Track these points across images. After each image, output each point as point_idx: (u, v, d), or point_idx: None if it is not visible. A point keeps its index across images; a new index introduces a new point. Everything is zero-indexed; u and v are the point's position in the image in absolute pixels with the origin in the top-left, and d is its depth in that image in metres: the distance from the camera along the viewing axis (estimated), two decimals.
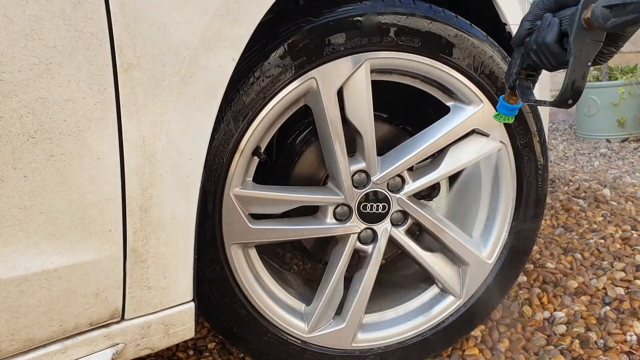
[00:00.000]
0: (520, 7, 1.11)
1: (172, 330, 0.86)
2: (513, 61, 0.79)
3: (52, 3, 0.65)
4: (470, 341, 1.28)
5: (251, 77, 0.90)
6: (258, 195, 0.98)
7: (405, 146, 1.07)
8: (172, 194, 0.79)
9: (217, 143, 0.89)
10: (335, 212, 1.06)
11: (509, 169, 1.13)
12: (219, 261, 0.96)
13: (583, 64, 0.66)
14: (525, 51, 0.75)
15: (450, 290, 1.17)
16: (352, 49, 0.94)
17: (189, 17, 0.74)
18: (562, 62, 0.69)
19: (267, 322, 1.04)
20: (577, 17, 0.64)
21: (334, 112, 0.95)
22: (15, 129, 0.65)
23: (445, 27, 0.99)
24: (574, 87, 0.68)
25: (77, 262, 0.73)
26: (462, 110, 1.07)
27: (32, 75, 0.65)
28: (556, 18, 0.69)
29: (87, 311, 0.77)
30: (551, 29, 0.69)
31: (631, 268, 1.57)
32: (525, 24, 0.75)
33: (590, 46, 0.66)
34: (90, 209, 0.73)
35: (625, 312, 1.35)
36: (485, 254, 1.17)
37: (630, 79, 3.74)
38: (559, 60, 0.70)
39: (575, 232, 1.89)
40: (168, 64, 0.74)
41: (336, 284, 1.07)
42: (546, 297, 1.45)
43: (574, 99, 0.69)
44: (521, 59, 0.77)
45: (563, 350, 1.21)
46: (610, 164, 3.11)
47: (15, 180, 0.67)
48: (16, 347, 0.73)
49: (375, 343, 1.14)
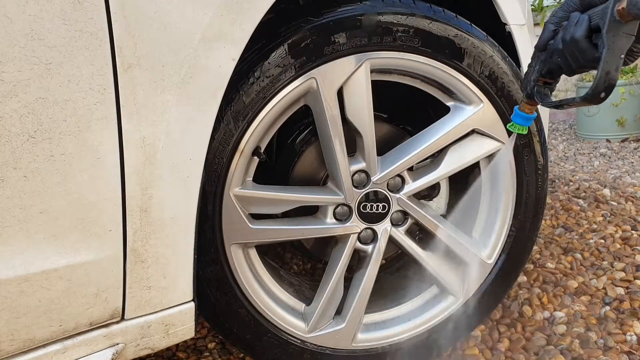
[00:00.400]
0: (520, 7, 1.11)
1: (172, 330, 0.86)
2: (531, 69, 0.77)
3: (52, 3, 0.65)
4: (470, 341, 1.28)
5: (251, 77, 0.90)
6: (258, 195, 0.98)
7: (405, 146, 1.07)
8: (172, 194, 0.79)
9: (217, 143, 0.89)
10: (335, 212, 1.06)
11: (508, 169, 1.13)
12: (219, 261, 0.96)
13: (616, 55, 0.64)
14: (547, 55, 0.73)
15: (450, 290, 1.17)
16: (352, 49, 0.94)
17: (189, 17, 0.74)
18: (590, 60, 0.67)
19: (267, 322, 1.04)
20: (610, 9, 0.63)
21: (334, 112, 0.95)
22: (15, 129, 0.65)
23: (445, 27, 0.99)
24: (607, 79, 0.65)
25: (77, 262, 0.73)
26: (462, 110, 1.07)
27: (32, 75, 0.65)
28: (585, 14, 0.67)
29: (87, 311, 0.77)
30: (580, 25, 0.67)
31: (631, 268, 1.57)
32: (549, 26, 0.73)
33: (623, 39, 0.64)
34: (90, 209, 0.73)
35: (625, 312, 1.35)
36: (485, 254, 1.17)
37: (630, 79, 3.75)
38: (587, 57, 0.67)
39: (575, 232, 1.89)
40: (168, 64, 0.74)
41: (336, 284, 1.07)
42: (546, 297, 1.45)
43: (607, 92, 0.66)
44: (541, 65, 0.75)
45: (563, 350, 1.21)
46: (610, 163, 3.11)
47: (15, 180, 0.67)
48: (16, 347, 0.73)
49: (375, 343, 1.14)
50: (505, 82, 1.06)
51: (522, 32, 1.12)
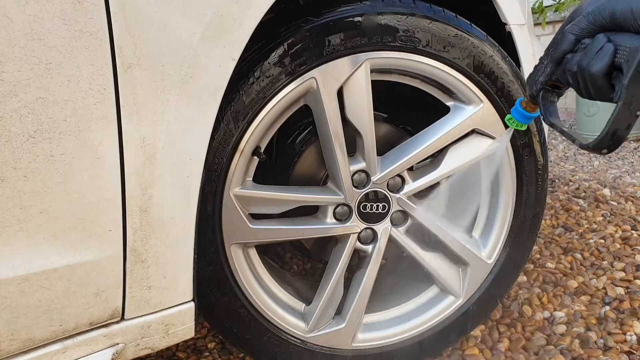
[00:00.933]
0: (520, 7, 1.11)
1: (172, 330, 0.86)
2: (541, 67, 0.68)
3: (52, 3, 0.65)
4: (470, 341, 1.28)
5: (251, 77, 0.90)
6: (258, 195, 0.98)
7: (405, 146, 1.07)
8: (172, 194, 0.79)
9: (217, 143, 0.89)
10: (335, 212, 1.06)
11: (508, 169, 1.13)
12: (219, 261, 0.96)
13: (632, 112, 0.56)
14: (562, 67, 0.65)
15: (450, 290, 1.17)
16: (352, 49, 0.94)
17: (189, 17, 0.74)
18: (603, 98, 0.59)
19: (267, 322, 1.04)
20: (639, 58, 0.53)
21: (334, 112, 0.95)
22: (15, 129, 0.65)
23: (445, 27, 0.99)
24: (614, 137, 0.57)
25: (77, 262, 0.73)
26: (462, 110, 1.07)
27: (32, 75, 0.65)
28: (611, 44, 0.57)
29: (87, 311, 0.77)
30: (602, 58, 0.57)
31: (631, 268, 1.57)
32: (570, 37, 0.63)
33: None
34: (90, 209, 0.73)
35: (625, 312, 1.35)
36: (485, 253, 1.17)
37: None
38: (601, 95, 0.59)
39: (575, 232, 1.89)
40: (168, 63, 0.74)
41: (336, 284, 1.07)
42: (546, 297, 1.45)
43: (610, 149, 0.59)
44: (552, 68, 0.66)
45: (563, 350, 1.21)
46: (610, 163, 3.11)
47: (15, 180, 0.67)
48: (16, 347, 0.73)
49: (375, 343, 1.14)
50: (505, 82, 1.06)
51: (522, 32, 1.11)
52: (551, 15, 4.62)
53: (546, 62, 0.68)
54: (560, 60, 0.65)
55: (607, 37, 0.58)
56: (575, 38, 0.62)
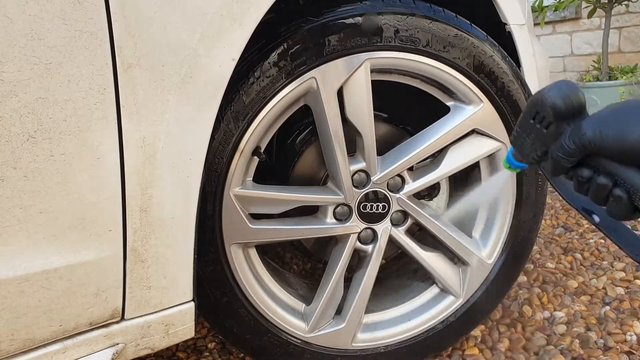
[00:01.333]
0: (520, 7, 1.11)
1: (172, 330, 0.86)
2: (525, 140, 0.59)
3: (52, 3, 0.65)
4: (470, 341, 1.28)
5: (251, 77, 0.90)
6: (258, 195, 0.98)
7: (405, 146, 1.07)
8: (172, 194, 0.79)
9: (217, 143, 0.89)
10: (335, 212, 1.06)
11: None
12: (219, 261, 0.96)
13: None
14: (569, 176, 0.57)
15: (450, 290, 1.17)
16: (352, 49, 0.94)
17: (189, 16, 0.74)
18: None
19: (267, 322, 1.04)
20: None
21: (334, 112, 0.95)
22: (15, 129, 0.65)
23: (445, 27, 0.99)
24: None
25: (77, 261, 0.73)
26: (462, 110, 1.07)
27: (32, 75, 0.65)
28: (620, 190, 0.51)
29: (87, 311, 0.77)
30: (619, 205, 0.51)
31: (631, 268, 1.57)
32: (563, 162, 0.54)
33: None
34: (90, 209, 0.73)
35: (625, 312, 1.35)
36: (485, 254, 1.17)
37: (630, 79, 3.75)
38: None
39: (575, 231, 1.89)
40: (168, 63, 0.74)
41: (336, 284, 1.07)
42: (546, 297, 1.45)
43: None
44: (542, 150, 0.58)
45: (563, 350, 1.21)
46: None
47: (15, 180, 0.67)
48: (16, 347, 0.73)
49: (375, 343, 1.14)
50: (505, 82, 1.06)
51: (522, 32, 1.12)
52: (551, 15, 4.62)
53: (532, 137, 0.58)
54: (565, 172, 0.57)
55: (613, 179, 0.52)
56: (568, 164, 0.55)
